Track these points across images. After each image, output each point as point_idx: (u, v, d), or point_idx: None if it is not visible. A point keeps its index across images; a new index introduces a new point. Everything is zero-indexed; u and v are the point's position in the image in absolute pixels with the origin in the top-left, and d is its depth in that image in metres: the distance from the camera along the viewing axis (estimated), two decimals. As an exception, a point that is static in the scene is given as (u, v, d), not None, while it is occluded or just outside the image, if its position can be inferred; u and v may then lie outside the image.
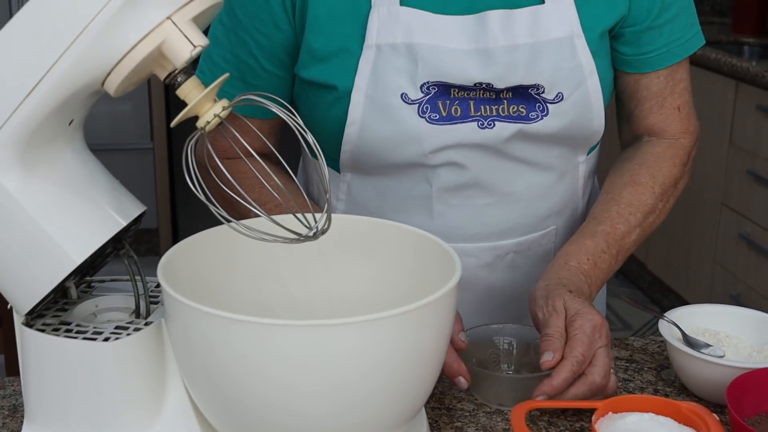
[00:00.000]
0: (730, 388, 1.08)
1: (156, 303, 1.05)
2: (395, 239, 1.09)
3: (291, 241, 0.96)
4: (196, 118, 0.94)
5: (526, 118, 1.28)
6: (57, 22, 0.88)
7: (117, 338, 0.97)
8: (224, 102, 0.95)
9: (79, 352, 0.97)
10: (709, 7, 4.67)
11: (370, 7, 1.25)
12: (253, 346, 0.87)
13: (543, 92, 1.27)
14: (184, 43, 0.89)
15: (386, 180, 1.34)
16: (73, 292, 1.05)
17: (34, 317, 1.01)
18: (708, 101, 3.57)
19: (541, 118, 1.28)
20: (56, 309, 1.04)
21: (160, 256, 1.00)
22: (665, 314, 1.26)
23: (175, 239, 4.43)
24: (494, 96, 1.27)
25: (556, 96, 1.28)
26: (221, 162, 0.92)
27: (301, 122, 0.97)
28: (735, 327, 1.27)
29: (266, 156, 1.27)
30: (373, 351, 0.88)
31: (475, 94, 1.27)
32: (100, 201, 1.00)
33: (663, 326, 1.23)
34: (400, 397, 0.94)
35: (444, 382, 1.22)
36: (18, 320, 1.01)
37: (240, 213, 1.13)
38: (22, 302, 0.98)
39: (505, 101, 1.28)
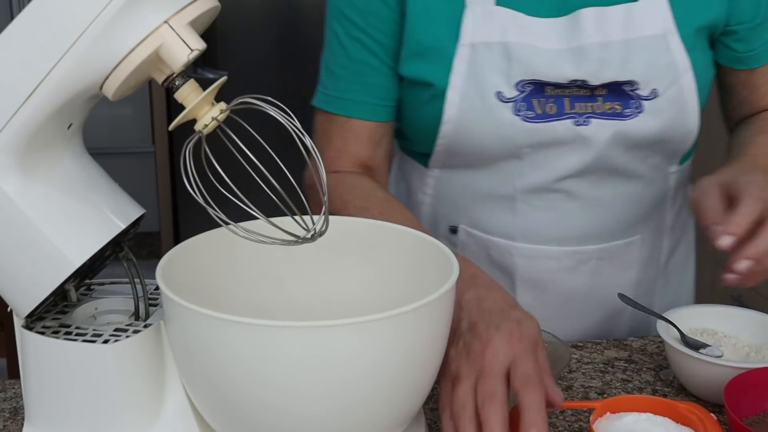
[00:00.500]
0: (727, 388, 1.09)
1: (155, 305, 1.06)
2: (394, 241, 1.09)
3: (289, 243, 0.96)
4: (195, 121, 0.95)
5: (621, 115, 1.29)
6: (55, 27, 0.88)
7: (116, 340, 0.97)
8: (222, 105, 0.95)
9: (78, 354, 0.97)
10: None
11: (464, 6, 1.27)
12: (251, 348, 0.87)
13: (637, 89, 1.28)
14: (182, 47, 0.90)
15: (473, 177, 1.36)
16: (73, 295, 1.06)
17: (34, 320, 1.02)
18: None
19: (636, 115, 1.29)
20: (56, 312, 1.05)
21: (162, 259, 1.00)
22: (663, 314, 1.26)
23: (177, 242, 4.40)
24: (589, 93, 1.28)
25: (651, 92, 1.29)
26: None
27: (298, 125, 0.98)
28: (733, 327, 1.28)
29: (371, 169, 1.35)
30: (371, 352, 0.89)
31: (570, 92, 1.28)
32: (99, 204, 1.00)
33: (661, 326, 1.23)
34: (398, 398, 0.94)
35: (443, 383, 1.22)
36: (18, 323, 1.01)
37: None
38: (22, 305, 0.98)
39: (600, 98, 1.29)
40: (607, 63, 1.26)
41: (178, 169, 4.19)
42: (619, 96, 1.28)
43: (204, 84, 0.95)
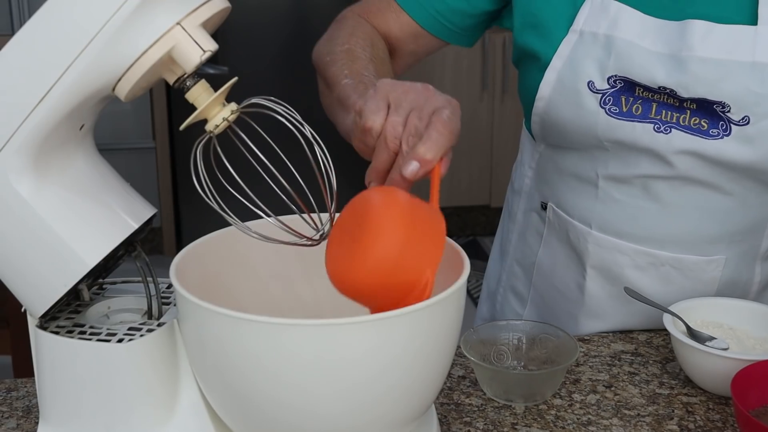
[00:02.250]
0: (735, 380, 1.10)
1: (168, 304, 1.06)
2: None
3: (297, 244, 0.97)
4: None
5: (705, 133, 1.25)
6: (68, 29, 0.89)
7: (130, 339, 0.98)
8: (233, 105, 0.96)
9: (93, 353, 0.98)
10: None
11: None
12: (265, 346, 0.88)
13: (729, 111, 1.24)
14: (194, 48, 0.91)
15: (564, 156, 1.39)
16: (86, 294, 1.06)
17: (47, 320, 1.03)
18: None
19: (722, 137, 1.25)
20: (69, 311, 1.05)
21: (164, 254, 1.01)
22: (669, 307, 1.27)
23: (179, 238, 4.44)
24: (677, 104, 1.26)
25: (743, 119, 1.24)
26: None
27: (299, 117, 0.98)
28: (739, 320, 1.28)
29: (394, 52, 1.46)
30: (384, 350, 0.89)
31: (659, 98, 1.27)
32: (111, 204, 1.01)
33: (667, 319, 1.24)
34: (410, 394, 0.95)
35: (452, 377, 1.24)
36: (32, 323, 1.02)
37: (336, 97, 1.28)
38: (36, 305, 0.99)
39: (688, 111, 1.26)
40: (701, 79, 1.23)
41: (179, 165, 4.20)
42: (708, 114, 1.25)
43: (205, 79, 0.96)
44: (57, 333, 1.00)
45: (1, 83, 0.92)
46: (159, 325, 1.01)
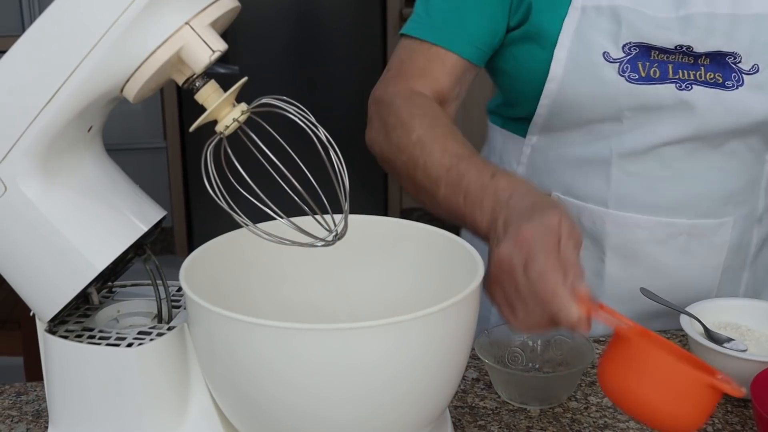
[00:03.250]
0: (754, 382, 1.08)
1: (178, 307, 1.05)
2: (416, 240, 1.08)
3: (310, 245, 0.96)
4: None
5: (722, 86, 1.30)
6: (75, 30, 0.88)
7: (140, 344, 0.97)
8: (243, 106, 0.95)
9: (102, 358, 0.97)
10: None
11: None
12: (277, 351, 0.87)
13: (740, 62, 1.30)
14: (203, 49, 0.89)
15: (571, 141, 1.38)
16: (95, 298, 1.05)
17: (56, 324, 1.02)
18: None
19: (737, 88, 1.30)
20: (78, 315, 1.04)
21: (175, 254, 1.00)
22: (686, 308, 1.25)
23: (190, 238, 4.44)
24: (692, 61, 1.30)
25: (752, 67, 1.30)
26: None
27: (313, 119, 0.97)
28: (757, 320, 1.27)
29: (444, 104, 1.35)
30: (397, 354, 0.88)
31: (674, 58, 1.30)
32: (120, 206, 1.00)
33: (684, 321, 1.23)
34: (425, 398, 0.94)
35: (466, 380, 1.22)
36: (41, 327, 1.01)
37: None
38: (45, 309, 0.98)
39: (703, 67, 1.30)
40: (713, 32, 1.28)
41: (190, 165, 4.20)
42: (721, 67, 1.30)
43: (214, 79, 0.95)
44: (66, 337, 0.99)
45: (8, 85, 0.91)
46: (169, 329, 1.00)
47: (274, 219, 0.94)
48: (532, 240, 0.97)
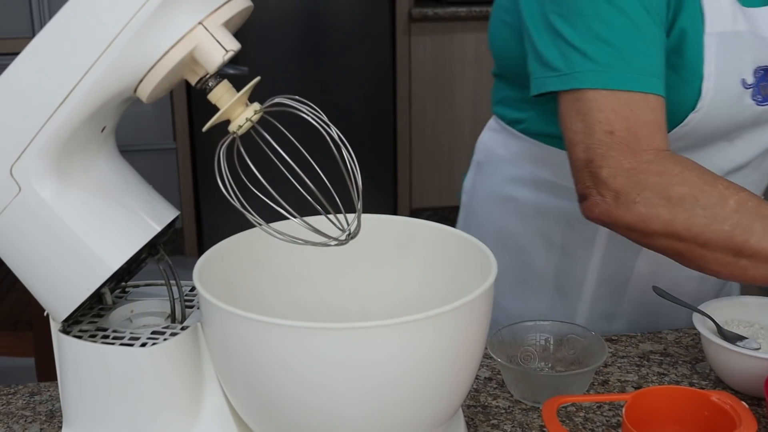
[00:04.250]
0: (767, 381, 1.08)
1: (191, 307, 1.05)
2: (429, 239, 1.08)
3: (323, 244, 0.96)
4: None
5: None
6: (88, 30, 0.88)
7: (154, 343, 0.97)
8: (256, 106, 0.95)
9: (116, 358, 0.97)
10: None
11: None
12: (291, 350, 0.87)
13: None
14: (216, 48, 0.90)
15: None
16: (108, 298, 1.05)
17: (70, 324, 1.02)
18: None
19: None
20: (92, 315, 1.04)
21: (186, 255, 1.01)
22: (699, 306, 1.25)
23: (200, 238, 4.44)
24: None
25: None
26: None
27: (325, 118, 0.97)
28: (769, 318, 1.27)
29: None
30: (411, 352, 0.88)
31: None
32: (134, 207, 1.00)
33: (697, 319, 1.22)
34: (437, 397, 0.94)
35: (479, 379, 1.22)
36: (55, 327, 1.01)
37: None
38: (59, 310, 0.98)
39: None
40: None
41: (200, 165, 4.20)
42: None
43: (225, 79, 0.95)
44: (80, 337, 0.99)
45: (22, 86, 0.91)
46: (183, 328, 1.00)
47: (287, 219, 0.95)
48: None
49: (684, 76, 1.25)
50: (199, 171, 4.39)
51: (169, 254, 1.05)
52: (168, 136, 4.38)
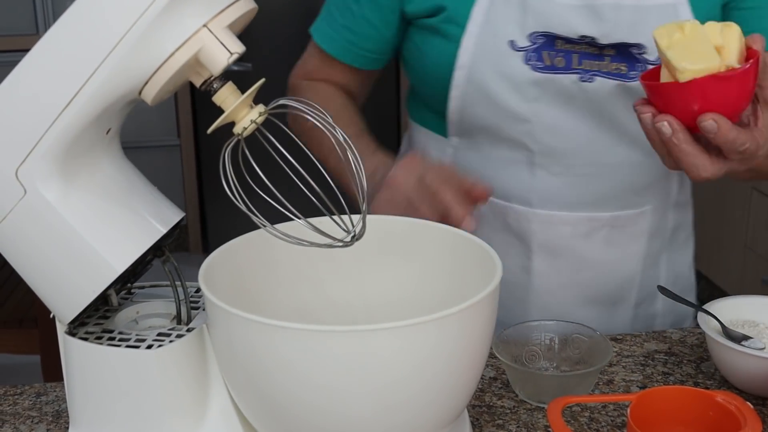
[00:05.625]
0: (773, 381, 1.08)
1: (196, 308, 1.05)
2: (434, 240, 1.08)
3: (328, 246, 0.96)
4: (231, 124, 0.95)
5: (625, 77, 1.32)
6: (93, 33, 0.88)
7: (160, 345, 0.97)
8: (260, 108, 0.95)
9: (122, 360, 0.97)
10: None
11: None
12: (297, 352, 0.87)
13: (645, 53, 1.31)
14: (221, 51, 0.90)
15: (490, 144, 1.40)
16: (114, 300, 1.06)
17: (76, 325, 1.02)
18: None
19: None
20: (98, 317, 1.05)
21: (190, 252, 1.01)
22: (704, 306, 1.25)
23: (204, 235, 4.45)
24: (597, 51, 1.32)
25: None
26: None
27: (330, 120, 0.97)
28: (775, 317, 1.27)
29: (350, 93, 1.49)
30: (415, 354, 0.88)
31: (580, 48, 1.32)
32: (139, 209, 1.00)
33: (702, 318, 1.22)
34: (442, 399, 0.94)
35: (484, 379, 1.22)
36: (61, 329, 1.02)
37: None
38: (65, 312, 0.99)
39: (608, 58, 1.32)
40: (618, 24, 1.29)
41: (204, 162, 4.21)
42: (626, 58, 1.32)
43: (228, 76, 0.95)
44: (86, 339, 1.00)
45: (27, 89, 0.91)
46: (188, 330, 1.00)
47: (292, 220, 0.95)
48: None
49: (448, 35, 1.34)
50: (203, 167, 4.39)
51: (173, 251, 1.05)
52: (172, 133, 4.39)
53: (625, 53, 1.31)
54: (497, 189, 1.40)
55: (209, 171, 4.34)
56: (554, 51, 1.31)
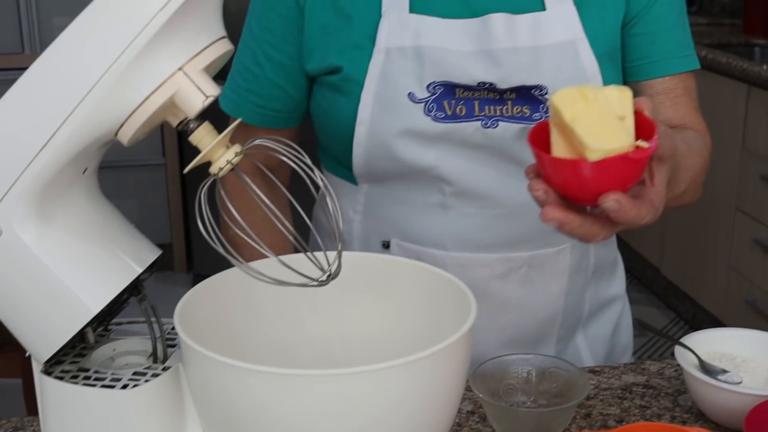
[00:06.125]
0: (749, 417, 1.09)
1: (173, 346, 1.05)
2: (409, 277, 1.09)
3: (304, 285, 0.96)
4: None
5: (529, 119, 1.30)
6: (70, 76, 0.88)
7: (135, 385, 0.97)
8: (237, 147, 0.95)
9: (98, 399, 0.97)
10: (719, 8, 4.66)
11: (380, 15, 1.30)
12: (272, 395, 0.87)
13: (546, 93, 1.29)
14: (197, 94, 0.90)
15: (400, 188, 1.37)
16: (91, 337, 1.06)
17: (52, 364, 1.02)
18: (720, 105, 3.56)
19: (544, 119, 1.28)
20: (74, 355, 1.05)
21: (174, 271, 1.01)
22: (681, 340, 1.26)
23: (189, 254, 4.44)
24: (498, 96, 1.30)
25: None
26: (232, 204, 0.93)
27: (309, 161, 0.98)
28: (752, 350, 1.27)
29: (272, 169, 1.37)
30: (390, 396, 0.88)
31: (480, 94, 1.29)
32: (115, 249, 1.00)
33: (679, 352, 1.23)
34: (418, 439, 0.94)
35: (461, 413, 1.22)
36: (37, 368, 1.01)
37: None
38: (41, 351, 0.99)
39: (509, 102, 1.30)
40: (516, 68, 1.28)
41: (189, 182, 4.20)
42: (528, 100, 1.30)
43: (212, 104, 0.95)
44: (61, 378, 0.99)
45: (3, 131, 0.91)
46: (164, 369, 1.00)
47: (268, 257, 0.95)
48: None
49: (347, 92, 1.32)
50: (188, 186, 4.39)
51: (158, 270, 1.05)
52: (157, 152, 4.39)
53: (527, 96, 1.30)
54: (411, 234, 1.38)
55: (194, 190, 4.34)
56: (455, 99, 1.29)
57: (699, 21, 4.36)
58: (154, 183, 4.41)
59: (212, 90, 0.91)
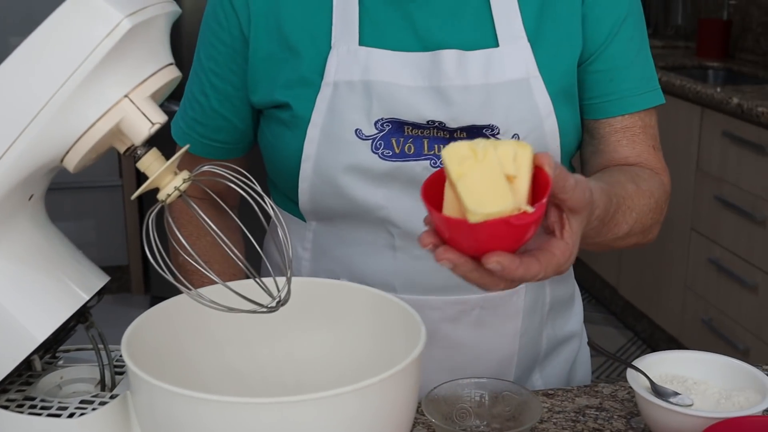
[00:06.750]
0: (699, 440, 1.09)
1: (121, 373, 1.04)
2: (360, 303, 1.09)
3: (253, 312, 0.96)
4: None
5: None
6: (14, 103, 0.87)
7: (82, 413, 0.96)
8: (185, 174, 0.95)
9: (44, 428, 0.96)
10: (673, 31, 4.71)
11: (329, 48, 1.26)
12: (219, 423, 0.86)
13: (498, 133, 1.25)
14: (143, 121, 0.89)
15: (349, 227, 1.33)
16: (38, 365, 1.04)
17: (-2, 393, 1.01)
18: (674, 127, 3.60)
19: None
20: (20, 383, 1.03)
21: (132, 293, 1.00)
22: (633, 362, 1.26)
23: (146, 276, 4.41)
24: (448, 135, 1.26)
25: (512, 137, 1.25)
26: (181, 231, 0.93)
27: (259, 189, 0.97)
28: (703, 373, 1.27)
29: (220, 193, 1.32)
30: (339, 423, 0.88)
31: (429, 133, 1.26)
32: (61, 276, 0.99)
33: (630, 375, 1.23)
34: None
35: (414, 438, 1.22)
36: (-18, 397, 1.00)
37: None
38: (-15, 380, 0.97)
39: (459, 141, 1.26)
40: (467, 107, 1.24)
41: (146, 203, 4.17)
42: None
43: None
44: (7, 407, 0.98)
45: (-53, 158, 0.90)
46: (112, 397, 0.99)
47: (217, 284, 0.95)
48: None
49: (293, 126, 1.29)
50: (145, 208, 4.36)
51: (115, 292, 1.04)
52: (114, 173, 4.36)
53: (477, 135, 1.25)
54: (359, 275, 1.34)
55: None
56: (403, 137, 1.25)
57: (654, 44, 4.41)
58: (111, 204, 4.38)
59: (158, 117, 0.91)
